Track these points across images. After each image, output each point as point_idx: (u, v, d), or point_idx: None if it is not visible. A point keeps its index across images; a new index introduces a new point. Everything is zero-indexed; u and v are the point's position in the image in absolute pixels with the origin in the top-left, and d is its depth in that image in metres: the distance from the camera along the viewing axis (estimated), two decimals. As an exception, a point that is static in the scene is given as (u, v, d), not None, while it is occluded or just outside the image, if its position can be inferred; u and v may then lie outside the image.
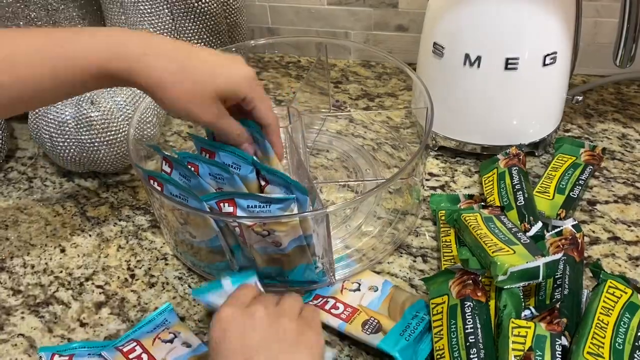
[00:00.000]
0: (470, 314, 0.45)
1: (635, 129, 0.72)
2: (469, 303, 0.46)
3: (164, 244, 0.61)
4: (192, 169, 0.51)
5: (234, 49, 0.76)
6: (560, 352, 0.42)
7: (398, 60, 0.66)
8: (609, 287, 0.46)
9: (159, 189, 0.51)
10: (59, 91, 0.44)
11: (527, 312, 0.47)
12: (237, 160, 0.51)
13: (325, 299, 0.51)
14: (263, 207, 0.48)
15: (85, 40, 0.43)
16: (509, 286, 0.46)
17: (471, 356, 0.43)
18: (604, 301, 0.45)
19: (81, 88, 0.46)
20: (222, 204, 0.48)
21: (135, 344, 0.49)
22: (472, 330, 0.44)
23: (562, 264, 0.50)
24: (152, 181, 0.51)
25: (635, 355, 0.42)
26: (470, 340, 0.44)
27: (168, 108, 0.47)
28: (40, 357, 0.49)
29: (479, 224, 0.52)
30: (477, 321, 0.45)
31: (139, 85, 0.45)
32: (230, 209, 0.48)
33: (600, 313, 0.44)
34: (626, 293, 0.46)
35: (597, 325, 0.43)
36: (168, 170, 0.52)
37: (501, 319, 0.45)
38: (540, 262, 0.46)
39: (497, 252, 0.47)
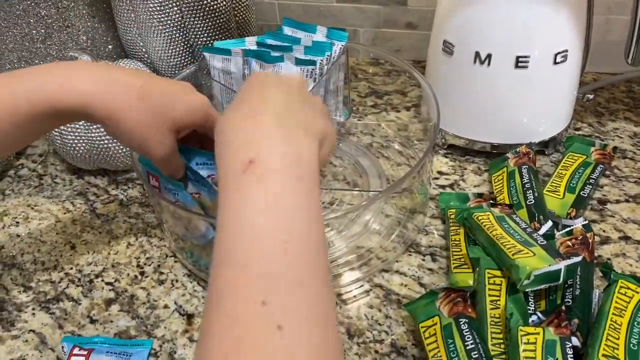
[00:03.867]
0: (467, 330, 0.45)
1: (647, 128, 0.72)
2: (464, 320, 0.45)
3: (173, 241, 0.61)
4: (154, 179, 0.51)
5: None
6: (572, 355, 0.42)
7: (406, 64, 0.66)
8: (620, 287, 0.46)
9: (157, 183, 0.51)
10: (8, 138, 0.42)
11: (534, 317, 0.47)
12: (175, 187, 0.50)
13: None
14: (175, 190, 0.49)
15: (30, 80, 0.41)
16: (531, 289, 0.46)
17: None
18: (615, 302, 0.45)
19: (31, 133, 0.44)
20: (150, 176, 0.50)
21: None
22: (473, 345, 0.44)
23: (572, 264, 0.49)
24: (151, 177, 0.51)
25: (650, 355, 0.42)
26: (474, 356, 0.43)
27: (122, 140, 0.45)
28: (63, 346, 0.49)
29: (492, 224, 0.52)
30: (476, 336, 0.44)
31: (94, 119, 0.43)
32: (156, 184, 0.50)
33: (613, 314, 0.44)
34: (638, 293, 0.46)
35: (611, 326, 0.43)
36: (156, 184, 0.52)
37: (509, 328, 0.45)
38: (562, 264, 0.46)
39: (517, 255, 0.47)
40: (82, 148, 0.65)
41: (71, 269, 0.59)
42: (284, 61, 0.62)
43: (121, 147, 0.66)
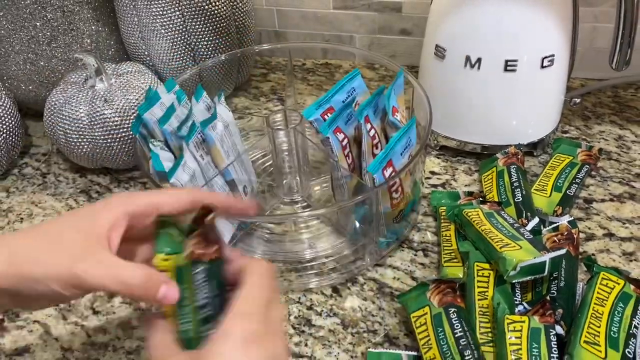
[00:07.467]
0: (457, 318, 0.47)
1: (632, 131, 0.74)
2: (453, 309, 0.47)
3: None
4: None
5: (239, 54, 0.79)
6: (555, 342, 0.44)
7: (399, 66, 0.68)
8: (602, 278, 0.48)
9: None
10: None
11: (520, 307, 0.49)
12: None
13: None
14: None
15: None
16: (517, 280, 0.48)
17: (466, 357, 0.44)
18: (597, 292, 0.47)
19: None
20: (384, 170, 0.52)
21: None
22: (462, 333, 0.46)
23: (558, 258, 0.51)
24: None
25: (630, 343, 0.44)
26: (462, 343, 0.45)
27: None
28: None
29: (481, 219, 0.54)
30: (464, 325, 0.46)
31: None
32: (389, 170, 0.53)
33: (595, 304, 0.46)
34: (619, 284, 0.48)
35: (593, 315, 0.45)
36: None
37: (497, 317, 0.47)
38: (547, 257, 0.48)
39: (504, 248, 0.49)
40: (86, 147, 0.67)
41: (74, 263, 0.61)
42: (216, 117, 0.57)
43: (124, 146, 0.68)
